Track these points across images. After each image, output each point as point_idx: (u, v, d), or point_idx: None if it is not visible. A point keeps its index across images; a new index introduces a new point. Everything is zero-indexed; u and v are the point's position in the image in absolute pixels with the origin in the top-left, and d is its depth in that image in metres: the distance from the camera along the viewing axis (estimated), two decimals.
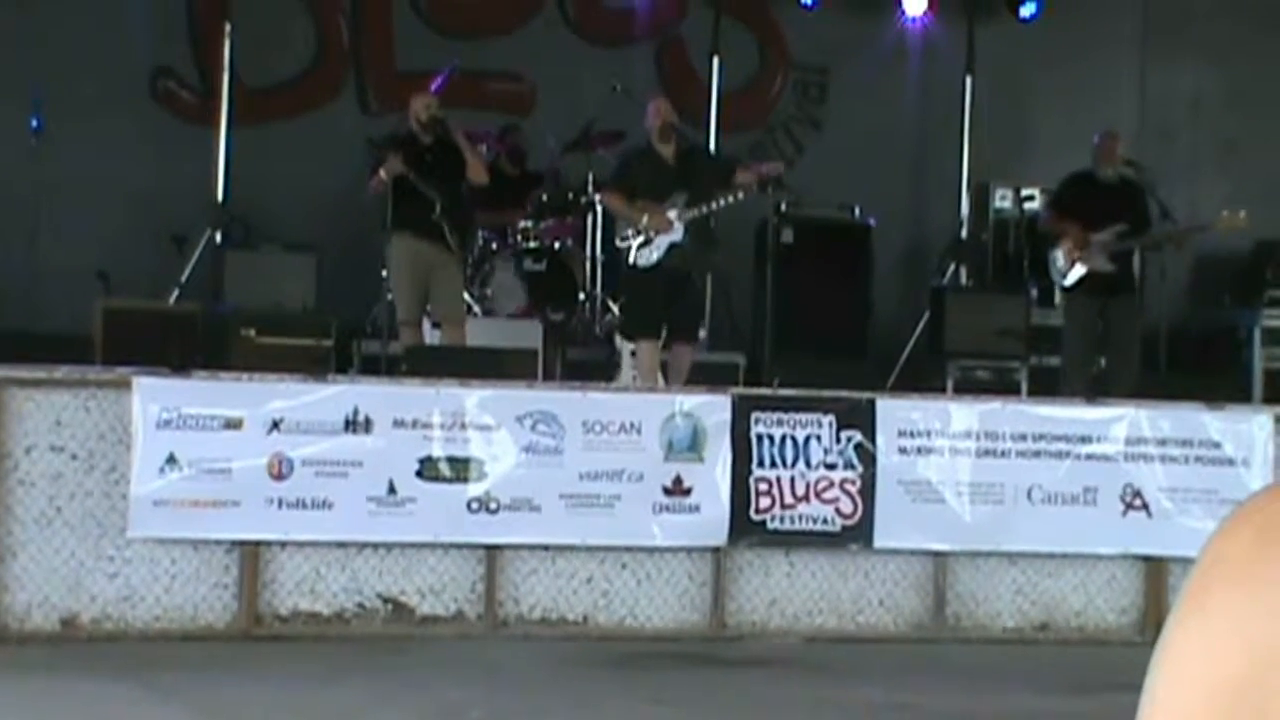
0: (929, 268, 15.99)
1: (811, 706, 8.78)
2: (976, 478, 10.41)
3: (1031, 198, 15.23)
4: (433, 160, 12.30)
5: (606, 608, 10.15)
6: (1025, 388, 13.82)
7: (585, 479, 9.98)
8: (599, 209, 13.42)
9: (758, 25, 16.28)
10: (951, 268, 15.78)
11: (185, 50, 15.05)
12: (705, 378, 11.81)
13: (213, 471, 9.55)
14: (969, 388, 13.51)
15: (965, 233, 15.87)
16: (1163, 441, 10.63)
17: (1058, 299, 13.72)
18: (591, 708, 8.57)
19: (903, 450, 10.37)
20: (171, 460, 9.48)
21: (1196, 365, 15.22)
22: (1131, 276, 13.29)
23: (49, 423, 9.44)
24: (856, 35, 16.03)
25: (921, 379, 13.63)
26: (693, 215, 11.99)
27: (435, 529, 9.88)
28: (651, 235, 12.01)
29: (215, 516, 9.56)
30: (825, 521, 10.26)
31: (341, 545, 9.83)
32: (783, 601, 10.38)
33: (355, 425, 9.76)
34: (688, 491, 10.11)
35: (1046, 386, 13.22)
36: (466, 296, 12.99)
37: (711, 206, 12.05)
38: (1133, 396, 11.34)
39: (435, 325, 12.63)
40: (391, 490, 9.77)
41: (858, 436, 10.30)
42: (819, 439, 10.28)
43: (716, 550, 10.24)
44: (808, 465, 10.25)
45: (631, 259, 12.13)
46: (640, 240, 12.04)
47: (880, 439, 10.33)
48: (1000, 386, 13.62)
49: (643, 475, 10.04)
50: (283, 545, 9.75)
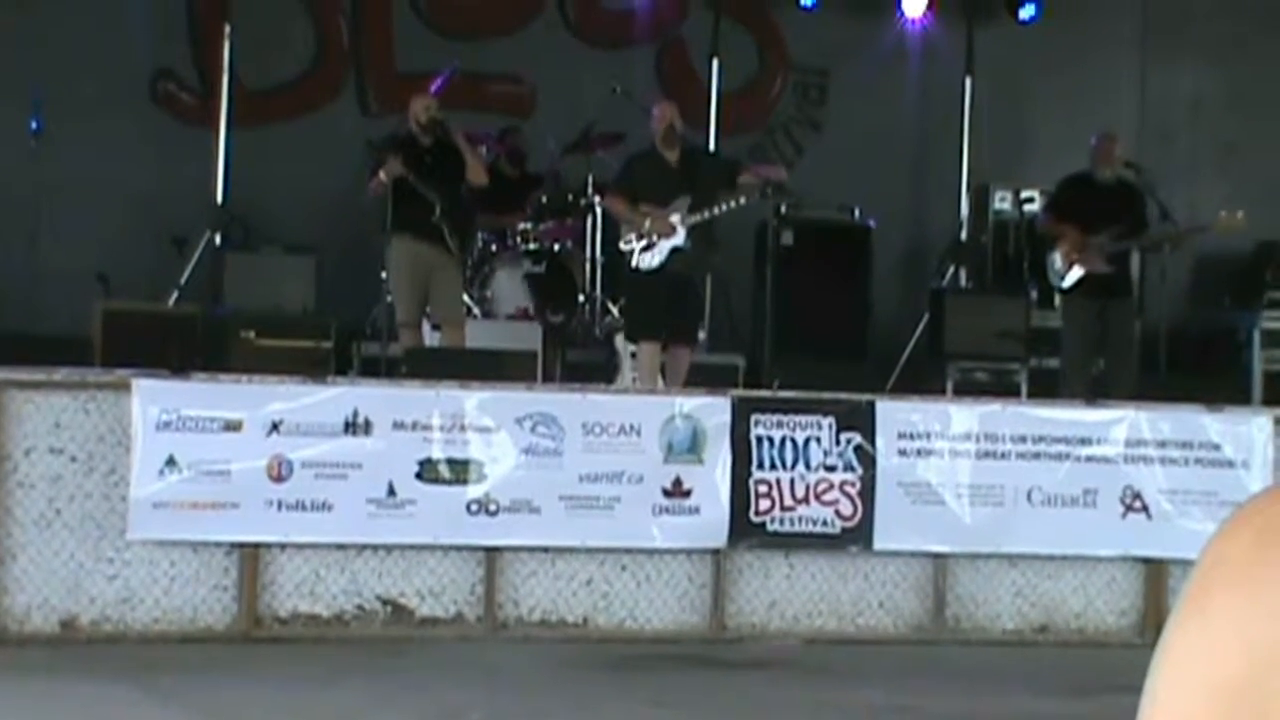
0: (929, 269, 15.99)
1: (811, 708, 8.78)
2: (976, 480, 10.41)
3: (1031, 199, 15.23)
4: (432, 162, 12.30)
5: (606, 610, 10.15)
6: (1025, 390, 13.82)
7: (585, 481, 9.99)
8: (599, 211, 13.41)
9: (757, 27, 16.29)
10: (951, 269, 15.78)
11: (185, 52, 15.06)
12: (705, 379, 11.81)
13: (212, 473, 9.55)
14: (969, 390, 13.51)
15: (965, 234, 15.87)
16: (1162, 443, 10.63)
17: (1057, 301, 13.72)
18: (591, 710, 8.57)
19: (902, 452, 10.37)
20: (171, 462, 9.48)
21: (1196, 367, 15.23)
22: (1129, 278, 13.29)
23: (48, 425, 9.44)
24: (856, 37, 16.04)
25: (921, 381, 13.63)
26: (695, 220, 11.99)
27: (435, 531, 9.88)
28: (653, 239, 12.01)
29: (215, 518, 9.56)
30: (825, 523, 10.26)
31: (341, 547, 9.83)
32: (782, 603, 10.38)
33: (355, 427, 9.76)
34: (687, 493, 10.11)
35: (1046, 388, 13.22)
36: (466, 298, 12.99)
37: (714, 211, 12.05)
38: (1132, 398, 11.34)
39: (435, 327, 12.63)
40: (391, 492, 9.77)
41: (857, 438, 10.31)
42: (819, 441, 10.28)
43: (716, 552, 10.24)
44: (807, 467, 10.25)
45: (634, 262, 12.14)
46: (642, 244, 12.04)
47: (880, 441, 10.33)
48: (1000, 388, 13.62)
49: (642, 477, 10.04)
50: (282, 547, 9.75)
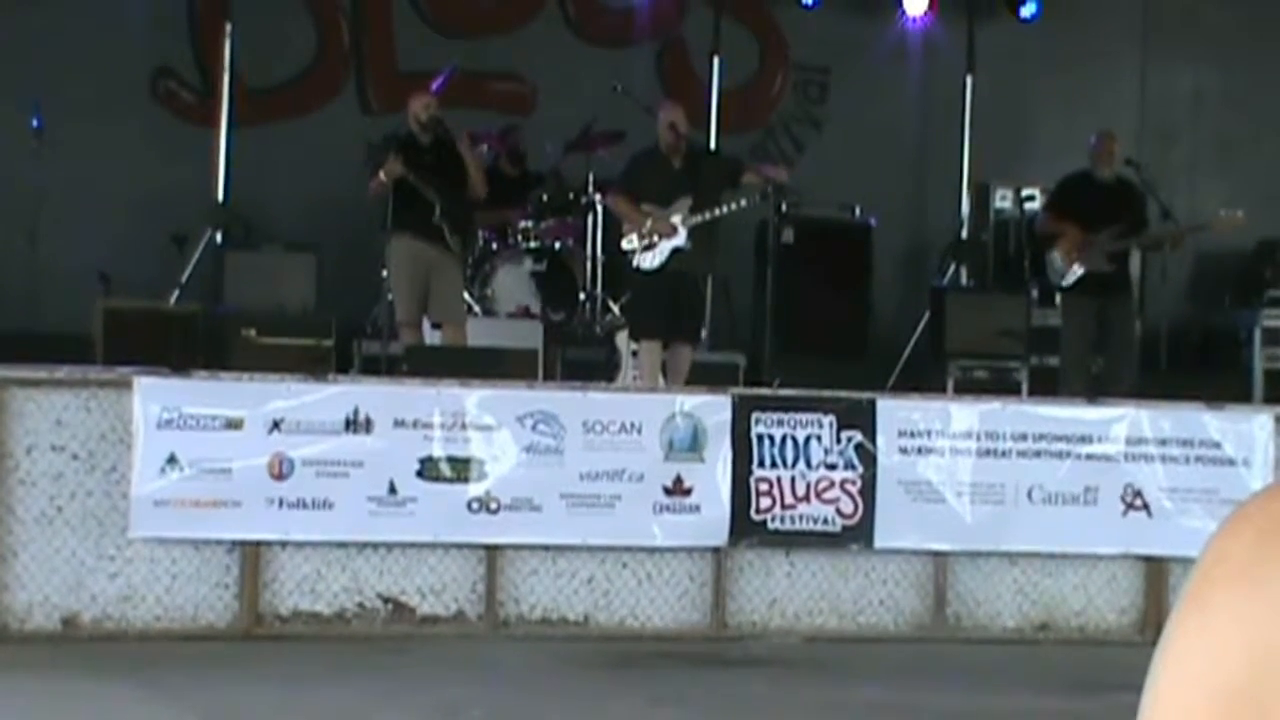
0: (929, 268, 15.99)
1: (812, 707, 8.78)
2: (977, 478, 10.41)
3: (1032, 198, 15.23)
4: (433, 161, 12.30)
5: (607, 608, 10.15)
6: (1025, 388, 13.81)
7: (586, 479, 9.99)
8: (599, 209, 13.41)
9: (758, 25, 16.28)
10: (952, 268, 15.78)
11: (186, 50, 15.05)
12: (706, 378, 11.80)
13: (213, 471, 9.55)
14: (969, 388, 13.51)
15: (965, 233, 15.87)
16: (1163, 441, 10.63)
17: (1058, 299, 13.72)
18: (592, 708, 8.57)
19: (903, 450, 10.37)
20: (172, 460, 9.49)
21: (1197, 365, 15.23)
22: (1128, 276, 13.30)
23: (50, 423, 9.44)
24: (857, 35, 16.04)
25: (922, 379, 13.63)
26: (696, 221, 11.99)
27: (436, 529, 9.88)
28: (654, 240, 12.02)
29: (216, 516, 9.56)
30: (826, 522, 10.26)
31: (342, 545, 9.83)
32: (783, 601, 10.38)
33: (356, 425, 9.76)
34: (688, 492, 10.11)
35: (1047, 387, 13.23)
36: (467, 296, 12.99)
37: (716, 213, 12.05)
38: (1132, 396, 11.35)
39: (435, 325, 12.63)
40: (392, 490, 9.77)
41: (858, 437, 10.31)
42: (819, 439, 10.28)
43: (717, 550, 10.24)
44: (808, 465, 10.25)
45: (635, 262, 12.15)
46: (643, 244, 12.04)
47: (881, 439, 10.33)
48: (1000, 387, 13.62)
49: (643, 475, 10.04)
50: (283, 545, 9.76)
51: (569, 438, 9.97)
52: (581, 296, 13.59)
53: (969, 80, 15.94)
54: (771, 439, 10.22)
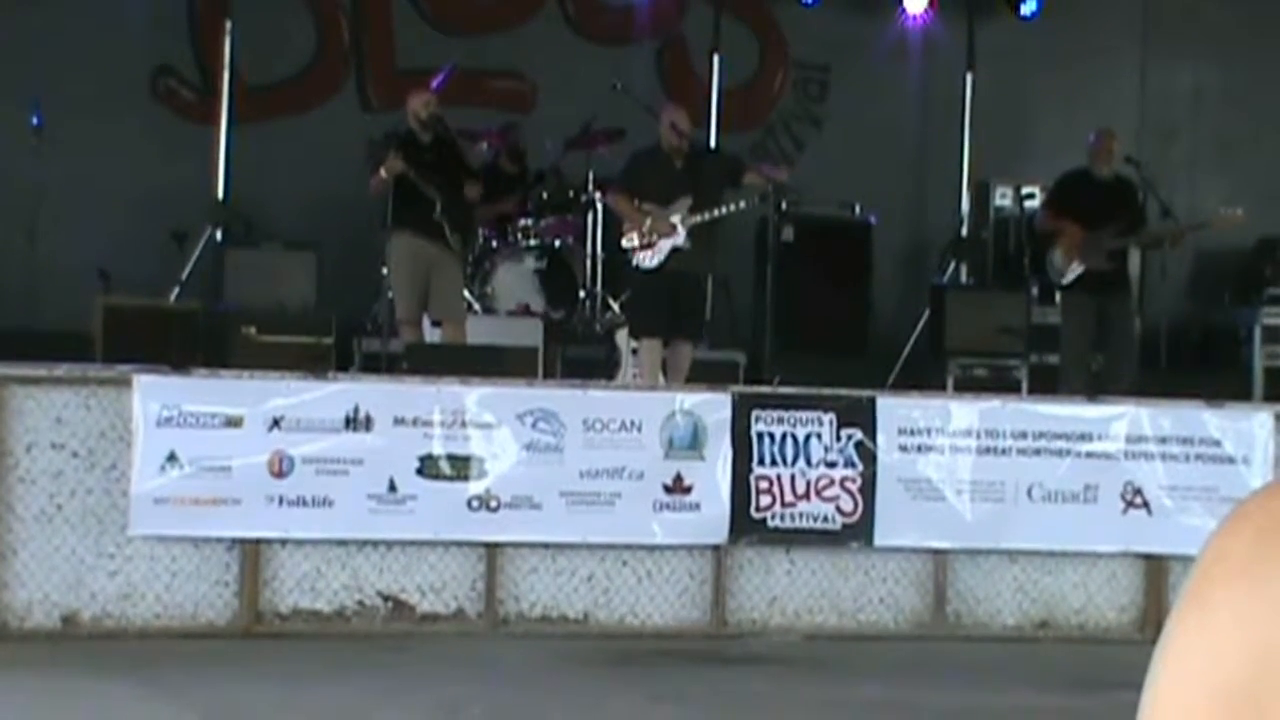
0: (929, 266, 15.99)
1: (812, 704, 8.79)
2: (977, 476, 10.41)
3: (1032, 196, 15.22)
4: (433, 159, 12.30)
5: (607, 606, 10.15)
6: (1025, 386, 13.81)
7: (585, 477, 9.99)
8: (599, 207, 13.41)
9: (758, 23, 16.28)
10: (952, 265, 15.78)
11: (186, 48, 15.05)
12: (706, 376, 11.81)
13: (213, 469, 9.55)
14: (969, 386, 13.51)
15: (965, 230, 15.87)
16: (1163, 439, 10.63)
17: (1057, 297, 13.72)
18: (591, 705, 8.57)
19: (903, 448, 10.37)
20: (172, 458, 9.49)
21: (1197, 363, 15.23)
22: (1127, 274, 13.30)
23: (49, 420, 9.44)
24: (857, 33, 16.04)
25: (922, 377, 13.62)
26: (697, 221, 11.99)
27: (436, 527, 9.88)
28: (653, 239, 12.01)
29: (216, 514, 9.57)
30: (826, 519, 10.27)
31: (342, 543, 9.83)
32: (783, 599, 10.38)
33: (356, 423, 9.76)
34: (688, 489, 10.11)
35: (1047, 384, 13.23)
36: (467, 294, 12.99)
37: (716, 213, 12.04)
38: (1132, 394, 11.35)
39: (435, 323, 12.63)
40: (392, 488, 9.77)
41: (858, 434, 10.30)
42: (819, 437, 10.28)
43: (717, 548, 10.25)
44: (808, 463, 10.25)
45: (634, 261, 12.15)
46: (643, 243, 12.04)
47: (881, 437, 10.33)
48: (1000, 384, 13.61)
49: (643, 473, 10.05)
50: (283, 543, 9.76)
51: (569, 436, 9.97)
52: (581, 294, 13.59)
53: (969, 78, 15.94)
54: (771, 437, 10.22)
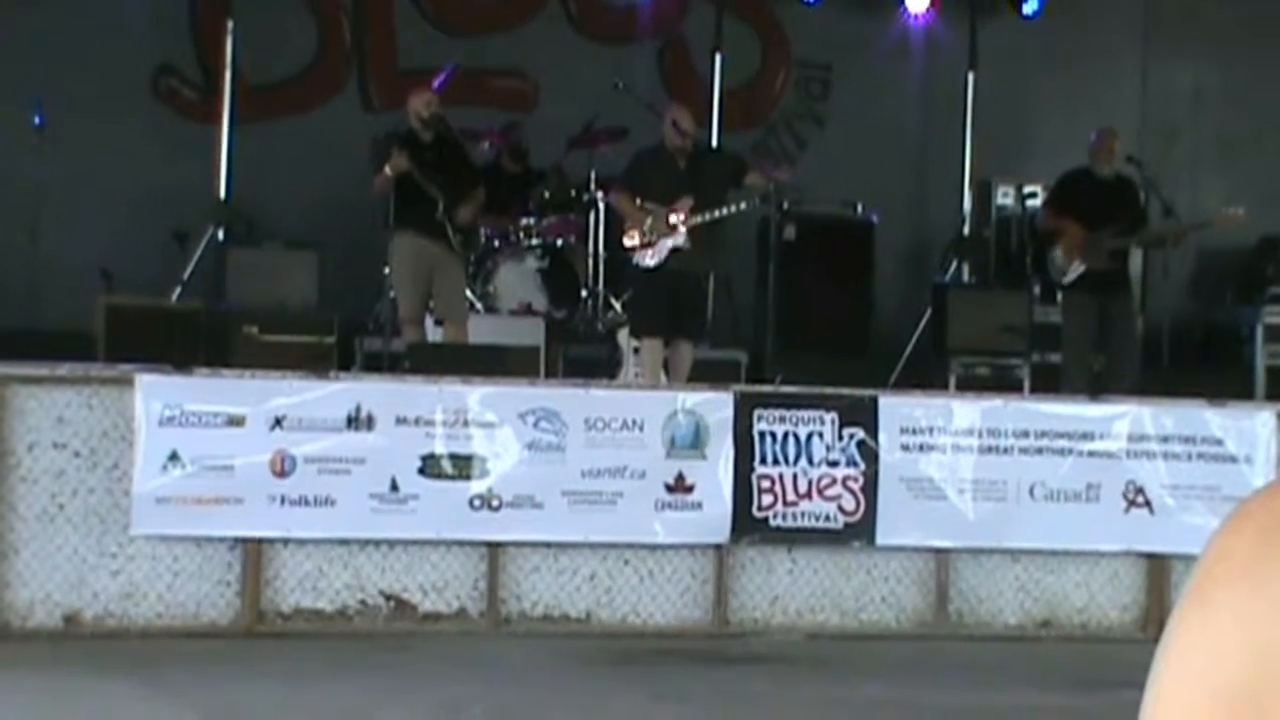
0: (931, 265, 15.99)
1: (814, 703, 8.78)
2: (979, 475, 10.41)
3: (1033, 195, 15.20)
4: (434, 159, 12.30)
5: (609, 605, 10.15)
6: (1027, 385, 13.80)
7: (587, 476, 9.99)
8: (601, 206, 13.41)
9: (760, 22, 16.28)
10: (954, 264, 15.78)
11: (187, 48, 15.06)
12: (707, 375, 11.81)
13: (215, 469, 9.55)
14: (971, 385, 13.50)
15: (967, 229, 15.87)
16: (1165, 438, 10.63)
17: (1059, 296, 13.72)
18: (593, 705, 8.57)
19: (905, 447, 10.36)
20: (174, 457, 9.49)
21: (1199, 362, 15.22)
22: (1128, 274, 13.30)
23: (51, 420, 9.44)
24: (859, 32, 16.04)
25: (924, 376, 13.61)
26: (698, 221, 11.99)
27: (438, 526, 9.88)
28: (653, 238, 12.01)
29: (218, 513, 9.57)
30: (828, 518, 10.26)
31: (344, 542, 9.84)
32: (785, 598, 10.38)
33: (358, 422, 9.76)
34: (690, 489, 10.11)
35: (1049, 383, 13.23)
36: (469, 294, 12.98)
37: (717, 214, 12.04)
38: (1134, 393, 11.34)
39: (437, 323, 12.63)
40: (394, 487, 9.77)
41: (860, 434, 10.30)
42: (821, 436, 10.28)
43: (719, 547, 10.24)
44: (810, 462, 10.25)
45: (635, 260, 12.16)
46: (644, 242, 12.04)
47: (882, 436, 10.33)
48: (1002, 383, 13.61)
49: (645, 472, 10.04)
50: (285, 542, 9.76)
51: (571, 435, 9.97)
52: (583, 294, 13.59)
53: (971, 77, 15.95)
54: (773, 436, 10.22)
